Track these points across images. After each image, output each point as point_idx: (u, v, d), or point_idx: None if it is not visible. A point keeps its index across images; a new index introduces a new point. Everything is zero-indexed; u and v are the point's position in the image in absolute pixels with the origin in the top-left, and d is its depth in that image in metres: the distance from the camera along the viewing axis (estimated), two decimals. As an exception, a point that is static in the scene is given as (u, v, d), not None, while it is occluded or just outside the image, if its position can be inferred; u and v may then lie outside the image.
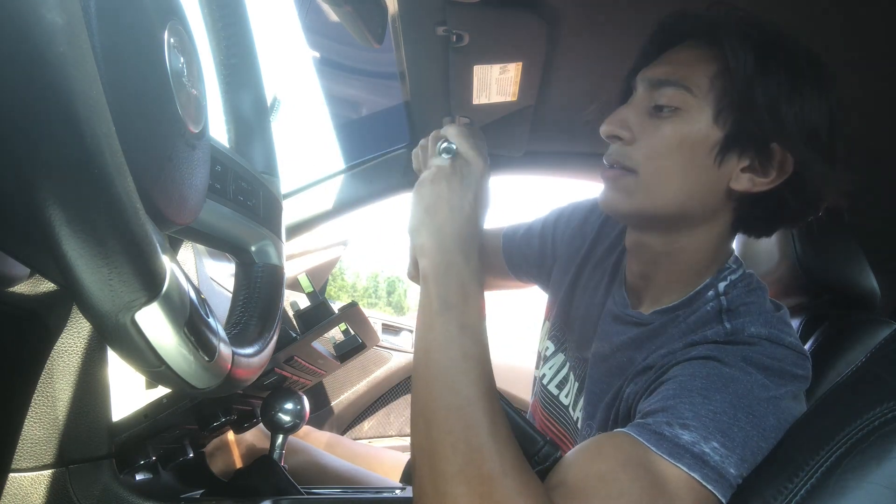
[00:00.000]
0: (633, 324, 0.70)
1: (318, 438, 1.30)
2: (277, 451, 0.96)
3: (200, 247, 1.05)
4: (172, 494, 0.83)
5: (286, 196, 1.31)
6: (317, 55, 1.32)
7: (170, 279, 0.34)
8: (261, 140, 0.67)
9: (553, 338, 0.87)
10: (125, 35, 0.34)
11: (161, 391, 0.76)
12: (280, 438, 0.96)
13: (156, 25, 0.37)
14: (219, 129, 0.61)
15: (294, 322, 0.89)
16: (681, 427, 0.51)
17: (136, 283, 0.31)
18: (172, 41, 0.39)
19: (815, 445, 0.47)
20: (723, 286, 0.65)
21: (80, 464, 0.69)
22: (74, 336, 0.65)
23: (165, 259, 0.34)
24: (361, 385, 1.89)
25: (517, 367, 1.83)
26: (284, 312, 0.72)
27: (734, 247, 0.72)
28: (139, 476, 0.79)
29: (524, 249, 0.96)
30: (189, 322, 0.35)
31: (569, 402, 0.79)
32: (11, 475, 0.65)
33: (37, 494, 0.67)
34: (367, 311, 1.97)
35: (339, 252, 1.85)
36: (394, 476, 1.18)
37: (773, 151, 0.61)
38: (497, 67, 0.97)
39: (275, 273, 0.64)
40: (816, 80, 0.60)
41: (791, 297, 1.02)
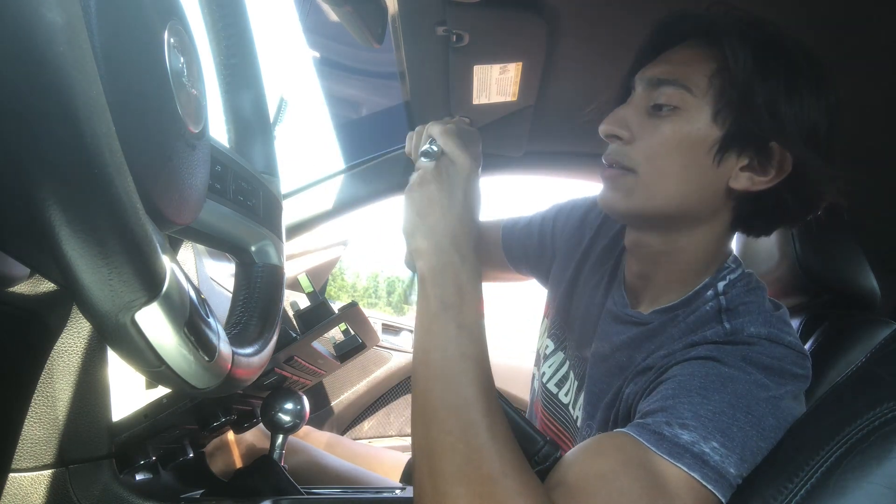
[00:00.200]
0: (633, 323, 0.70)
1: (318, 438, 1.30)
2: (277, 451, 0.96)
3: (200, 247, 1.05)
4: (172, 494, 0.83)
5: (286, 196, 1.31)
6: (317, 55, 1.32)
7: (170, 279, 0.34)
8: (261, 140, 0.67)
9: (553, 336, 0.87)
10: (125, 35, 0.34)
11: (161, 391, 0.75)
12: (280, 438, 0.96)
13: (156, 25, 0.37)
14: (219, 129, 0.61)
15: (294, 322, 0.89)
16: (680, 427, 0.51)
17: (136, 283, 0.31)
18: (172, 41, 0.39)
19: (815, 445, 0.47)
20: (722, 286, 0.65)
21: (80, 464, 0.69)
22: (74, 336, 0.65)
23: (165, 259, 0.34)
24: (361, 385, 1.89)
25: (516, 367, 1.84)
26: (284, 312, 0.72)
27: (734, 247, 0.72)
28: (139, 476, 0.79)
29: (524, 242, 0.96)
30: (189, 322, 0.35)
31: (568, 401, 0.79)
32: (11, 475, 0.65)
33: (37, 494, 0.67)
34: (367, 311, 1.97)
35: (339, 252, 1.85)
36: (394, 476, 1.17)
37: (772, 150, 0.61)
38: (497, 67, 0.97)
39: (275, 273, 0.64)
40: (815, 80, 0.60)
41: (791, 297, 1.02)
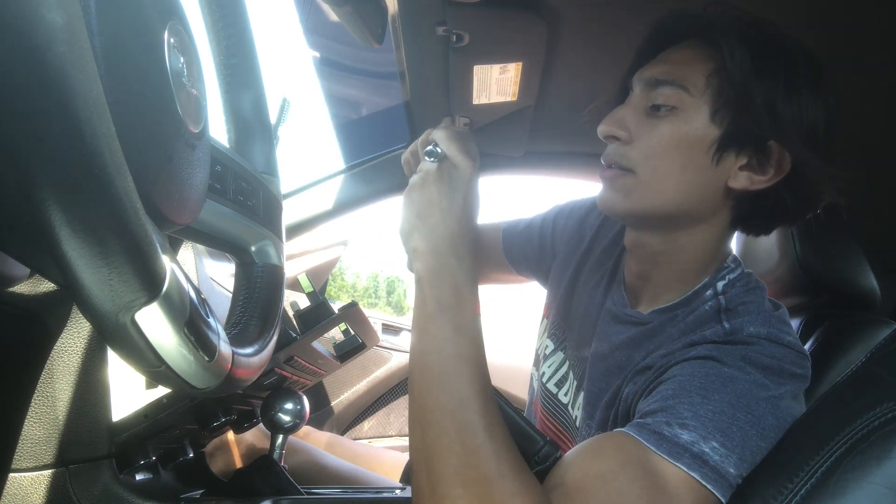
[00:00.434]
0: (632, 323, 0.70)
1: (318, 438, 1.30)
2: (277, 451, 0.96)
3: (200, 247, 1.05)
4: (172, 494, 0.83)
5: (286, 196, 1.31)
6: (317, 55, 1.32)
7: (170, 279, 0.34)
8: (261, 140, 0.67)
9: (552, 336, 0.87)
10: (125, 35, 0.34)
11: (161, 391, 0.76)
12: (280, 438, 0.96)
13: (156, 25, 0.37)
14: (219, 129, 0.61)
15: (294, 322, 0.89)
16: (680, 427, 0.51)
17: (136, 283, 0.31)
18: (172, 41, 0.39)
19: (815, 445, 0.47)
20: (721, 285, 0.65)
21: (80, 464, 0.69)
22: (74, 336, 0.65)
23: (165, 259, 0.34)
24: (361, 385, 1.89)
25: (516, 367, 1.83)
26: (284, 312, 0.72)
27: (734, 247, 0.72)
28: (139, 476, 0.79)
29: (524, 244, 0.96)
30: (189, 322, 0.35)
31: (568, 401, 0.79)
32: (11, 475, 0.65)
33: (37, 494, 0.67)
34: (367, 311, 1.96)
35: (339, 252, 1.85)
36: (394, 476, 1.18)
37: (771, 149, 0.61)
38: (497, 67, 0.97)
39: (275, 273, 0.64)
40: (814, 79, 0.60)
41: (791, 297, 1.02)
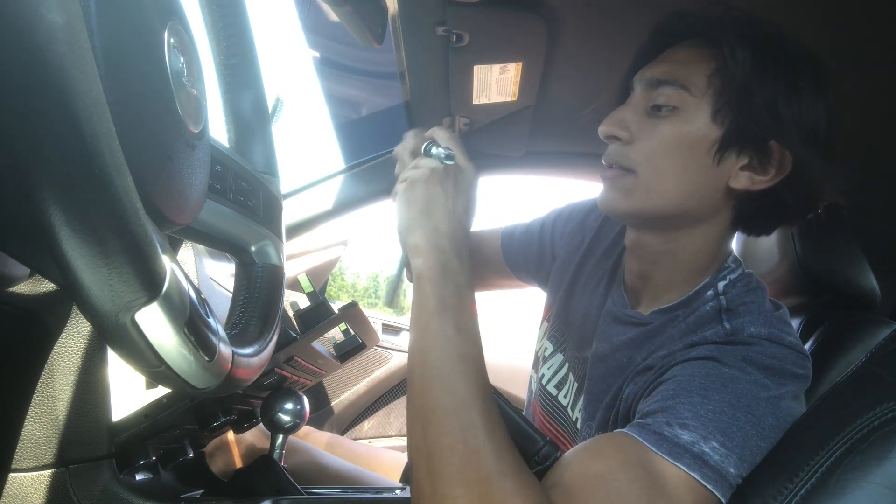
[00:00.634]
0: (633, 324, 0.70)
1: (318, 438, 1.30)
2: (277, 451, 0.96)
3: (200, 247, 1.05)
4: (172, 494, 0.83)
5: (286, 196, 1.31)
6: (317, 55, 1.32)
7: (170, 279, 0.34)
8: (261, 140, 0.67)
9: (551, 338, 0.87)
10: (125, 35, 0.34)
11: (161, 391, 0.76)
12: (280, 438, 0.96)
13: (156, 25, 0.37)
14: (219, 129, 0.61)
15: (294, 322, 0.89)
16: (680, 427, 0.51)
17: (136, 283, 0.31)
18: (172, 41, 0.38)
19: (815, 445, 0.47)
20: (722, 286, 0.65)
21: (80, 464, 0.69)
22: (74, 336, 0.65)
23: (165, 259, 0.34)
24: (361, 385, 1.89)
25: (516, 367, 1.83)
26: (284, 312, 0.72)
27: (734, 247, 0.72)
28: (139, 476, 0.79)
29: (523, 249, 0.96)
30: (189, 322, 0.35)
31: (567, 403, 0.79)
32: (11, 475, 0.65)
33: (37, 494, 0.67)
34: (367, 311, 1.96)
35: (339, 252, 1.85)
36: (394, 476, 1.18)
37: (772, 150, 0.61)
38: (497, 67, 0.97)
39: (275, 273, 0.64)
40: (814, 79, 0.60)
41: (791, 297, 1.02)
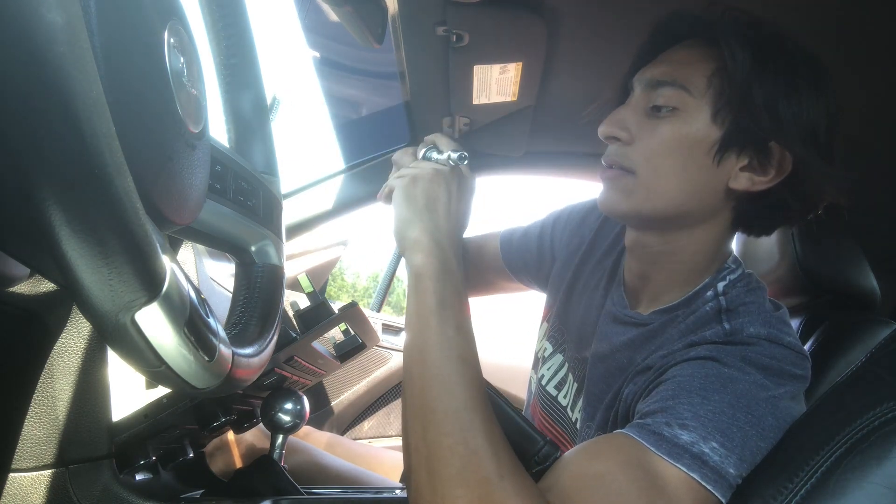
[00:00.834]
0: (632, 324, 0.70)
1: (318, 438, 1.30)
2: (277, 451, 0.96)
3: (200, 247, 1.05)
4: (172, 494, 0.83)
5: (286, 196, 1.31)
6: (317, 55, 1.32)
7: (170, 279, 0.34)
8: (261, 140, 0.67)
9: (551, 339, 0.87)
10: (125, 35, 0.34)
11: (161, 391, 0.75)
12: (280, 438, 0.96)
13: (156, 25, 0.37)
14: (219, 129, 0.61)
15: (294, 322, 0.89)
16: (680, 427, 0.51)
17: (137, 283, 0.31)
18: (172, 41, 0.39)
19: (815, 445, 0.47)
20: (722, 286, 0.65)
21: (80, 464, 0.69)
22: (74, 336, 0.65)
23: (165, 259, 0.34)
24: (361, 385, 1.89)
25: (516, 367, 1.83)
26: (284, 312, 0.72)
27: (734, 247, 0.72)
28: (139, 476, 0.79)
29: (523, 252, 0.96)
30: (189, 322, 0.35)
31: (567, 403, 0.79)
32: (11, 475, 0.65)
33: (37, 494, 0.67)
34: (367, 312, 1.97)
35: (339, 252, 1.85)
36: (394, 476, 1.18)
37: (772, 150, 0.61)
38: (497, 67, 0.97)
39: (275, 273, 0.64)
40: (814, 79, 0.60)
41: (791, 297, 1.02)
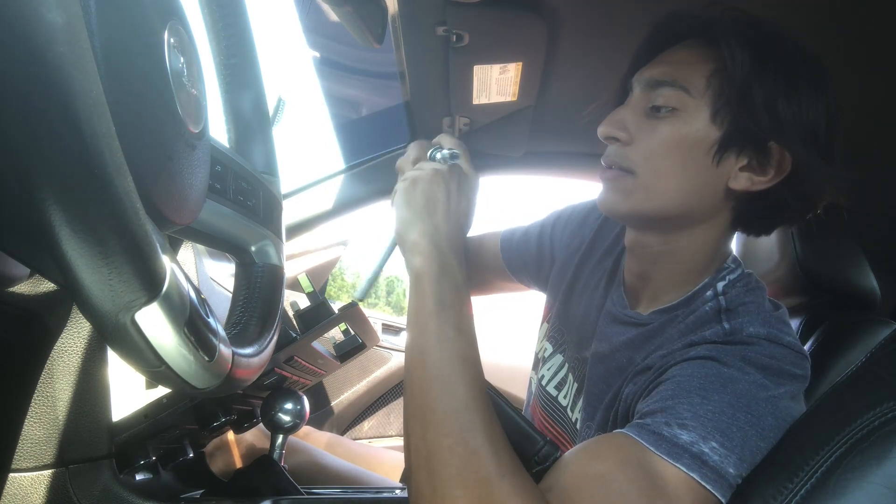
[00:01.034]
0: (632, 324, 0.70)
1: (318, 438, 1.30)
2: (277, 451, 0.96)
3: (200, 247, 1.05)
4: (172, 494, 0.83)
5: (286, 196, 1.31)
6: (317, 55, 1.32)
7: (170, 279, 0.34)
8: (261, 140, 0.67)
9: (551, 339, 0.87)
10: (125, 35, 0.34)
11: (161, 391, 0.76)
12: (280, 438, 0.96)
13: (156, 25, 0.37)
14: (219, 129, 0.61)
15: (294, 322, 0.89)
16: (679, 427, 0.51)
17: (137, 283, 0.31)
18: (172, 41, 0.39)
19: (815, 445, 0.47)
20: (721, 286, 0.65)
21: (80, 464, 0.69)
22: (74, 336, 0.65)
23: (165, 259, 0.34)
24: (361, 385, 1.89)
25: (516, 367, 1.83)
26: (284, 312, 0.72)
27: (734, 247, 0.72)
28: (139, 476, 0.79)
29: (522, 253, 0.96)
30: (189, 322, 0.35)
31: (567, 403, 0.79)
32: (11, 475, 0.65)
33: (37, 494, 0.67)
34: (367, 311, 1.96)
35: (339, 252, 1.85)
36: (394, 476, 1.18)
37: (771, 150, 0.61)
38: (497, 67, 0.97)
39: (275, 273, 0.64)
40: (814, 79, 0.60)
41: (791, 297, 1.02)
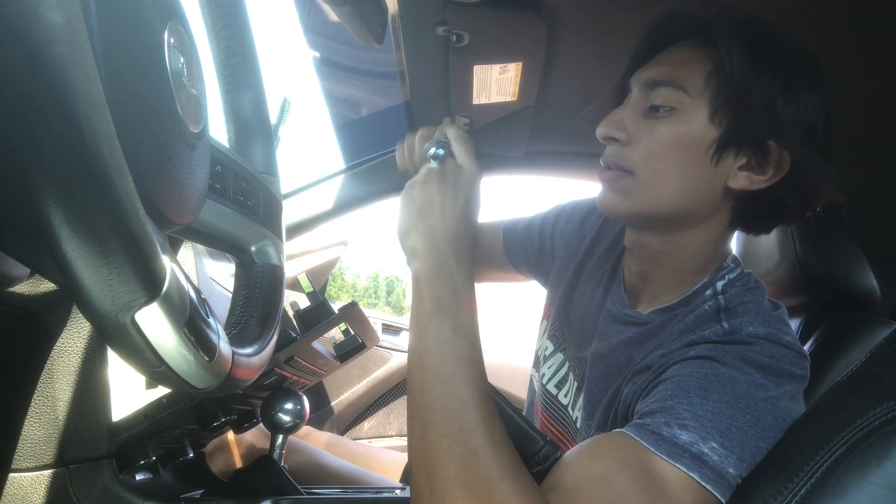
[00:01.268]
0: (632, 323, 0.70)
1: (318, 438, 1.30)
2: (277, 451, 0.96)
3: (200, 247, 1.05)
4: (172, 494, 0.83)
5: (286, 196, 1.31)
6: (317, 55, 1.32)
7: (170, 279, 0.34)
8: (261, 140, 0.67)
9: (552, 337, 0.87)
10: (125, 35, 0.34)
11: (161, 391, 0.76)
12: (280, 438, 0.96)
13: (156, 25, 0.37)
14: (219, 129, 0.61)
15: (294, 322, 0.89)
16: (679, 427, 0.51)
17: (137, 283, 0.31)
18: (172, 41, 0.39)
19: (815, 445, 0.47)
20: (721, 285, 0.65)
21: (80, 464, 0.69)
22: (74, 336, 0.65)
23: (165, 259, 0.34)
24: (361, 385, 1.89)
25: (516, 367, 1.84)
26: (284, 312, 0.72)
27: (734, 247, 0.72)
28: (139, 476, 0.79)
29: (524, 244, 0.96)
30: (189, 322, 0.35)
31: (568, 402, 0.79)
32: (11, 475, 0.65)
33: (37, 494, 0.67)
34: (367, 311, 1.96)
35: (339, 252, 1.85)
36: (394, 476, 1.18)
37: (770, 149, 0.61)
38: (497, 67, 0.97)
39: (275, 273, 0.64)
40: (812, 78, 0.60)
41: (791, 297, 1.02)
